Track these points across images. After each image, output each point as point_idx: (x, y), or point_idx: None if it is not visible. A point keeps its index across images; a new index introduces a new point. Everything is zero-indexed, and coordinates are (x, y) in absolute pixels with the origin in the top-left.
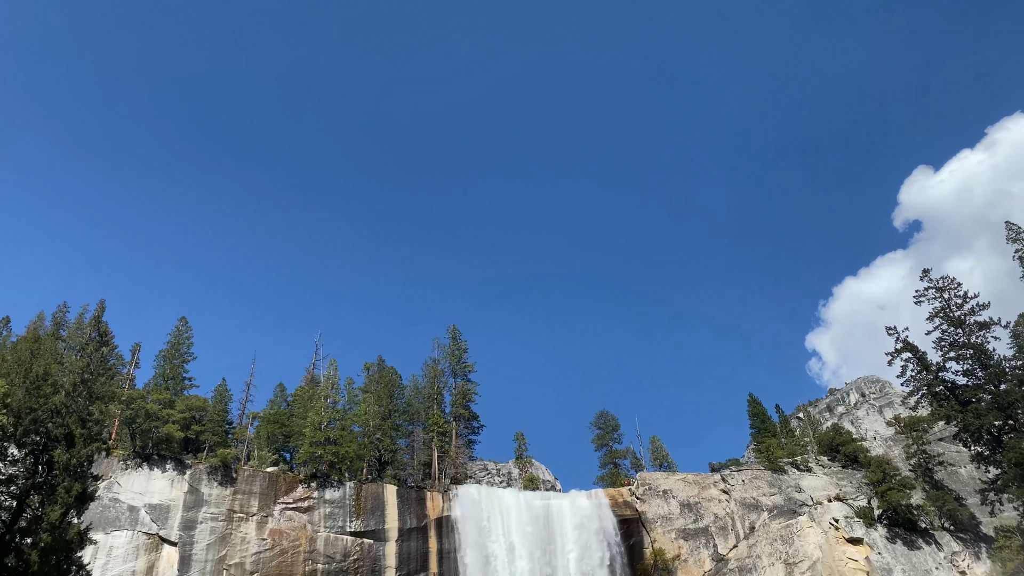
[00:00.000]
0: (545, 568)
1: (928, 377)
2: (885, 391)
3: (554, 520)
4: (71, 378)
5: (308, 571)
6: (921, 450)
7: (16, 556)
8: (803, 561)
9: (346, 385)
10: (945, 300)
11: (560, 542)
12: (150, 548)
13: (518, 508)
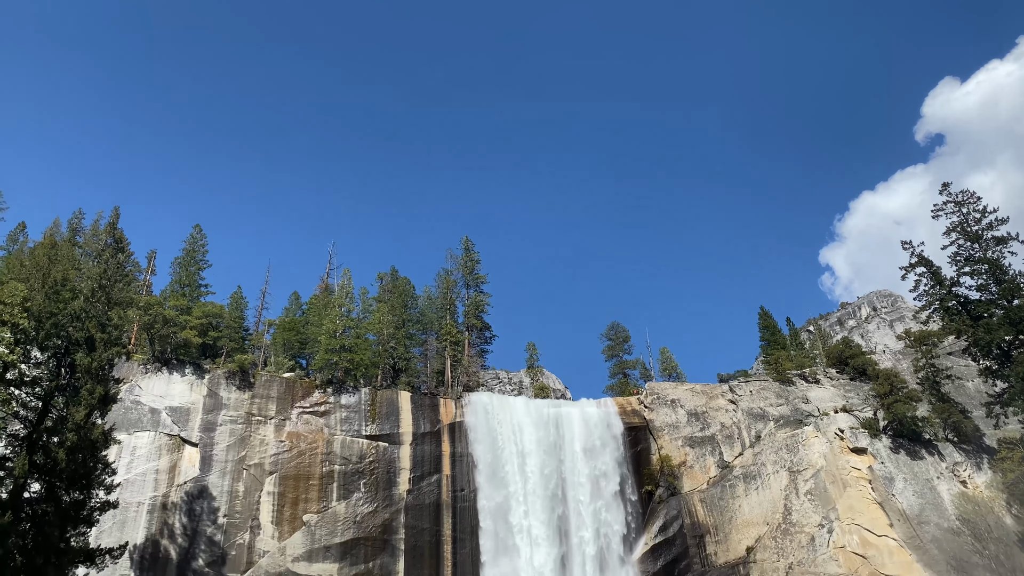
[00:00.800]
0: (553, 472)
1: (941, 292)
2: (897, 306)
3: (563, 427)
4: (89, 284)
5: (326, 472)
6: (930, 364)
7: (44, 454)
8: (807, 469)
9: (360, 295)
10: (963, 215)
11: (569, 448)
12: (172, 448)
13: (528, 415)
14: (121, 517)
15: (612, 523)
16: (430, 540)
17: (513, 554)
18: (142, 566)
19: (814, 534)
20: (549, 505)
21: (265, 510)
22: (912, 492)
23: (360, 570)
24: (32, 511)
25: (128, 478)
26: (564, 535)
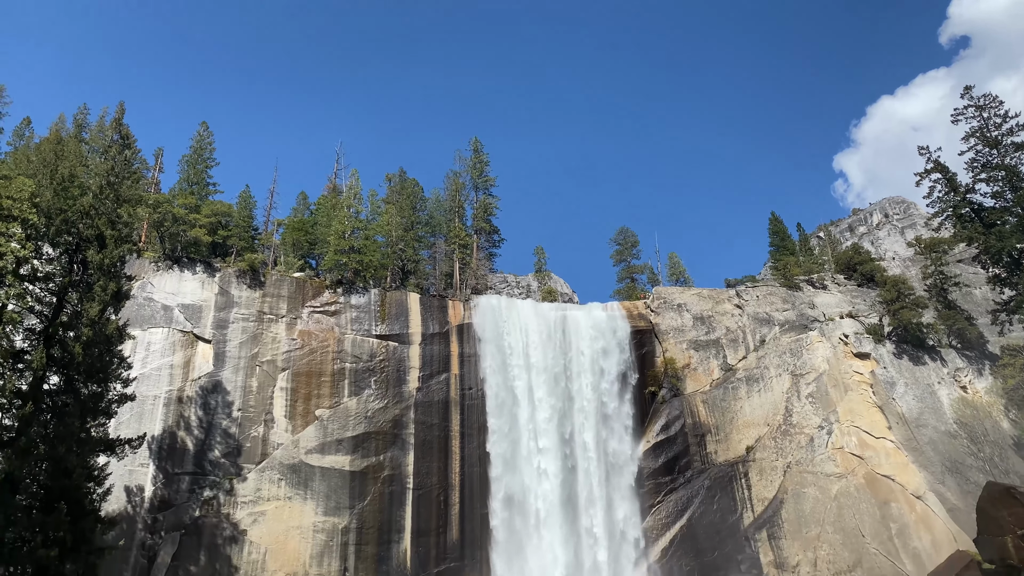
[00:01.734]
0: (559, 373)
1: (955, 198)
2: (909, 212)
3: (570, 329)
4: (97, 180)
5: (337, 369)
6: (938, 271)
7: (61, 348)
8: (809, 373)
9: (368, 196)
10: (984, 119)
11: (575, 350)
12: (186, 345)
13: (535, 317)
14: (138, 409)
15: (615, 422)
16: (439, 435)
17: (518, 448)
18: (160, 456)
19: (813, 435)
20: (555, 404)
21: (278, 405)
22: (912, 396)
23: (372, 462)
24: (52, 402)
25: (144, 372)
26: (569, 434)
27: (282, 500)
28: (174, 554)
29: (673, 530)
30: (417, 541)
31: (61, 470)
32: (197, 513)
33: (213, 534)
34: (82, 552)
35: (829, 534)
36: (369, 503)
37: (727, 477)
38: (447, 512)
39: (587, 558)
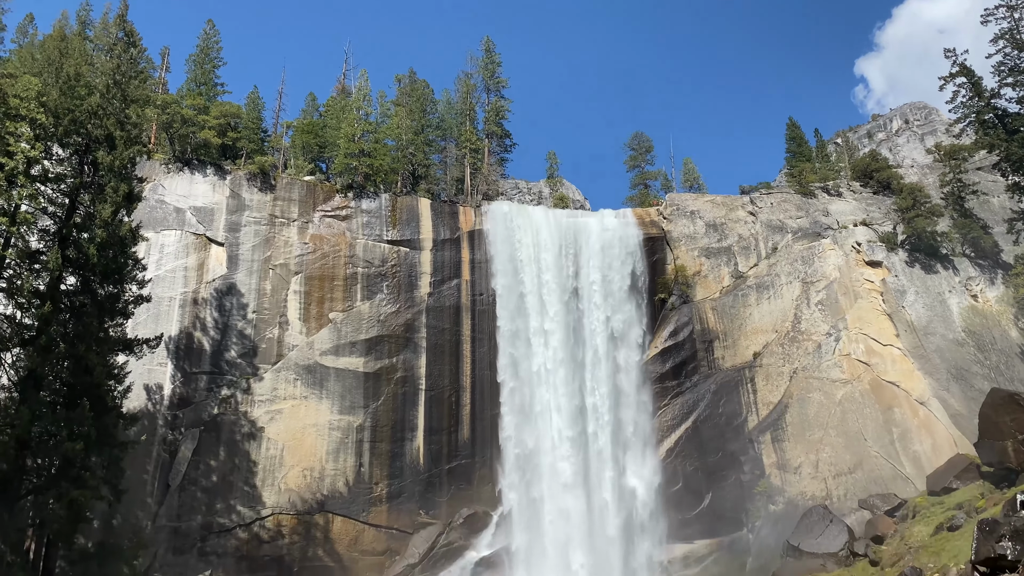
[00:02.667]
0: (570, 279)
1: (979, 104)
2: (930, 118)
3: (581, 236)
4: (104, 80)
5: (349, 274)
6: (956, 178)
7: (76, 249)
8: (820, 280)
9: (378, 98)
10: (1015, 20)
11: (586, 256)
12: (199, 247)
13: (547, 224)
14: (154, 311)
15: (624, 327)
16: (450, 339)
17: (528, 352)
18: (178, 355)
19: (821, 342)
20: (565, 309)
21: (292, 308)
22: (922, 305)
23: (385, 364)
24: (70, 302)
25: (159, 274)
26: (578, 337)
27: (298, 399)
28: (194, 449)
29: (678, 431)
30: (429, 439)
31: (82, 368)
32: (215, 411)
33: (232, 431)
34: (106, 446)
35: (832, 437)
36: (383, 403)
37: (733, 382)
38: (458, 413)
39: (593, 455)
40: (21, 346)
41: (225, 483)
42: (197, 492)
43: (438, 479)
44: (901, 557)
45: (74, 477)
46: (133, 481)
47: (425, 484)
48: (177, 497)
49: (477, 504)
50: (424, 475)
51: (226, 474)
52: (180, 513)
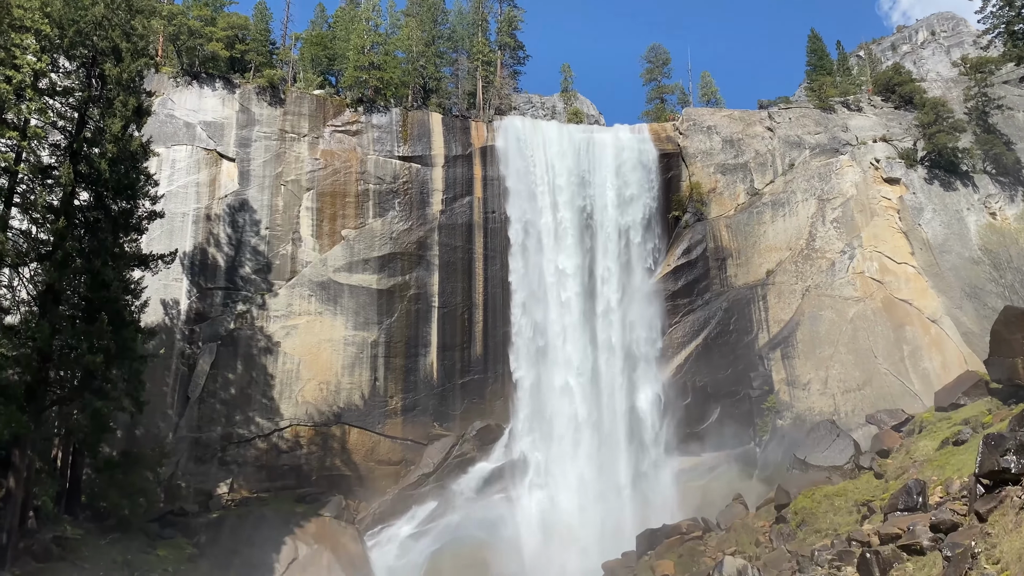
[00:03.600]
0: (584, 196)
1: (1010, 14)
2: (957, 30)
3: (595, 152)
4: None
5: (361, 190)
6: (982, 92)
7: (88, 164)
8: (836, 198)
9: (388, 7)
10: None
11: (600, 172)
12: (210, 163)
13: (560, 140)
14: (168, 226)
15: (637, 245)
16: (462, 257)
17: (541, 269)
18: (193, 271)
19: (835, 260)
20: (577, 226)
21: (305, 224)
22: (939, 223)
23: (398, 281)
24: (84, 218)
25: (171, 190)
26: (591, 253)
27: (313, 315)
28: (212, 363)
29: (689, 348)
30: (443, 355)
31: (99, 283)
32: (232, 326)
33: (248, 345)
34: (126, 359)
35: (842, 354)
36: (396, 319)
37: (745, 300)
38: (471, 329)
39: (604, 371)
40: (38, 261)
41: (243, 396)
42: (216, 404)
43: (451, 393)
44: (905, 470)
45: (96, 389)
46: (154, 393)
47: (439, 398)
48: (197, 409)
49: (489, 417)
50: (438, 389)
51: (244, 387)
52: (200, 424)
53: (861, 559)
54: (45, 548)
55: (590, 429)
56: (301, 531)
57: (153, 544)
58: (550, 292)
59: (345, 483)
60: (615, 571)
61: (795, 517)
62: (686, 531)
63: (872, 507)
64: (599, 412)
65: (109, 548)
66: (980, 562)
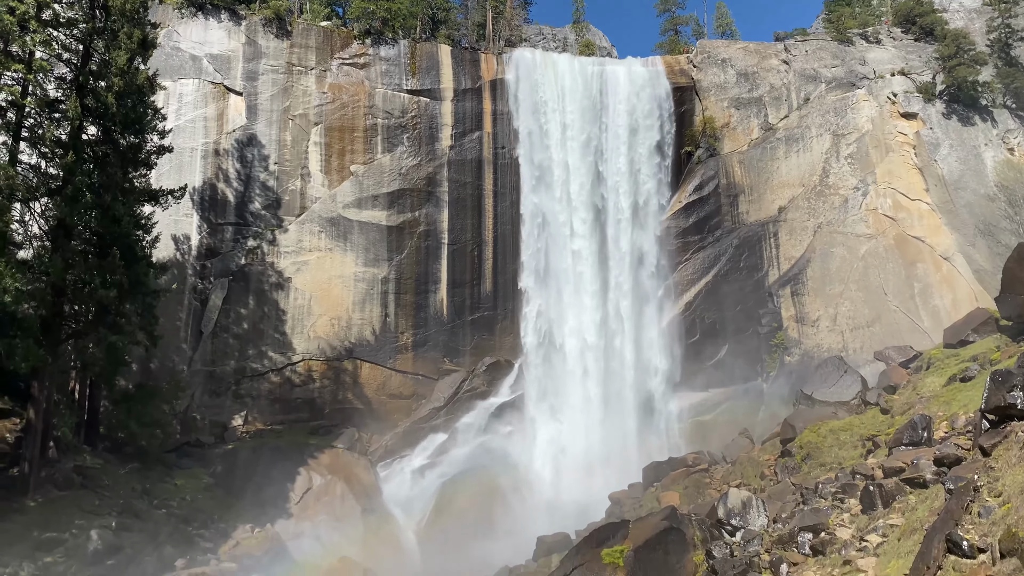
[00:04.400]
0: (595, 130)
1: None
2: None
3: (607, 85)
4: None
5: (369, 124)
6: (1005, 23)
7: (94, 98)
8: (851, 133)
9: None
10: None
11: (612, 106)
12: (217, 97)
13: (572, 73)
14: (177, 161)
15: (649, 181)
16: (472, 193)
17: (551, 205)
18: (203, 206)
19: (848, 196)
20: (588, 161)
21: (313, 159)
22: (955, 159)
23: (407, 218)
24: (93, 152)
25: (179, 124)
26: (602, 189)
27: (323, 251)
28: (224, 298)
29: (698, 285)
30: (452, 292)
31: (110, 218)
32: (243, 261)
33: (260, 280)
34: (139, 294)
35: (852, 292)
36: (406, 256)
37: (756, 237)
38: (480, 266)
39: (612, 309)
40: (48, 196)
41: (256, 330)
42: (229, 339)
43: (461, 329)
44: (912, 406)
45: (111, 323)
46: (167, 328)
47: (449, 334)
48: (210, 343)
49: (499, 353)
50: (448, 325)
51: (256, 322)
52: (214, 358)
53: (864, 491)
54: (66, 476)
55: (599, 366)
56: (315, 462)
57: (171, 473)
58: (560, 228)
59: (357, 416)
60: (621, 501)
61: (800, 451)
62: (692, 464)
63: (877, 442)
64: (608, 348)
65: (128, 477)
66: (982, 495)
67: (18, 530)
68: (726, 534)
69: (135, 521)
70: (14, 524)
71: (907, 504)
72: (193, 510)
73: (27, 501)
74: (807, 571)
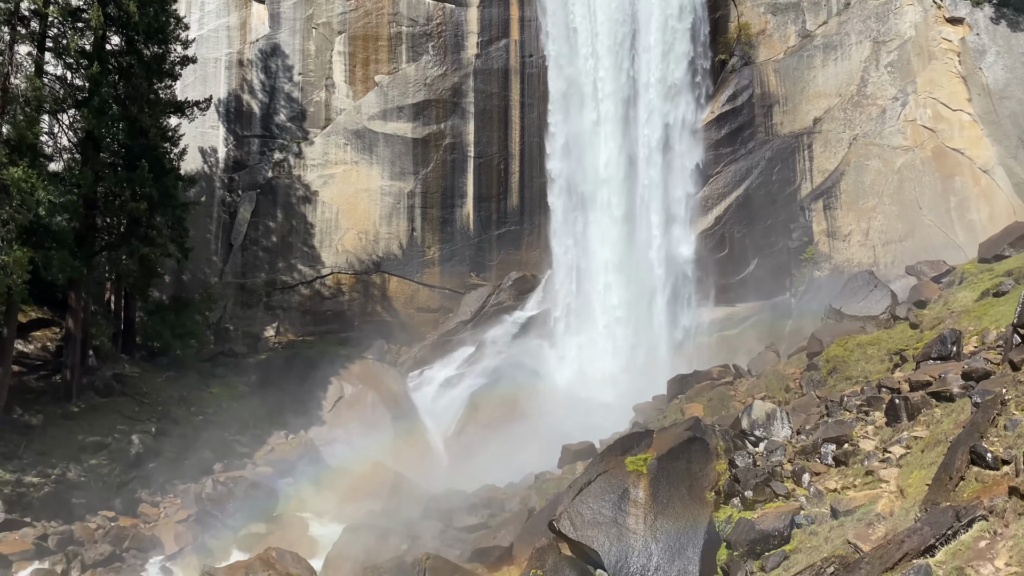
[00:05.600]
0: (625, 38)
1: None
2: None
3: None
4: None
5: (394, 33)
6: None
7: (116, 6)
8: (893, 40)
9: None
10: None
11: (644, 11)
12: (240, 5)
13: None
14: (201, 73)
15: (680, 90)
16: (499, 105)
17: (580, 115)
18: (228, 118)
19: (886, 107)
20: (618, 69)
21: (337, 70)
22: (1001, 67)
23: (433, 130)
24: (117, 63)
25: (202, 34)
26: (632, 99)
27: (349, 164)
28: (253, 211)
29: (729, 199)
30: (479, 206)
31: (136, 130)
32: (270, 174)
33: (287, 194)
34: (168, 206)
35: (886, 205)
36: (432, 170)
37: (790, 149)
38: (507, 180)
39: (641, 220)
40: (75, 107)
41: (285, 244)
42: (259, 252)
43: (488, 244)
44: (941, 321)
45: (142, 236)
46: (198, 240)
47: (475, 248)
48: (240, 256)
49: (525, 268)
50: (474, 240)
51: (285, 235)
52: (244, 271)
53: (889, 404)
54: (106, 384)
55: (626, 278)
56: (346, 372)
57: (206, 382)
58: (588, 140)
59: (386, 328)
60: (645, 412)
61: (826, 365)
62: (717, 376)
63: (905, 356)
64: (635, 262)
65: (166, 385)
66: (1009, 408)
67: (64, 434)
68: (749, 444)
69: (174, 427)
70: (60, 428)
71: (932, 417)
72: (229, 417)
73: (71, 407)
74: (829, 481)
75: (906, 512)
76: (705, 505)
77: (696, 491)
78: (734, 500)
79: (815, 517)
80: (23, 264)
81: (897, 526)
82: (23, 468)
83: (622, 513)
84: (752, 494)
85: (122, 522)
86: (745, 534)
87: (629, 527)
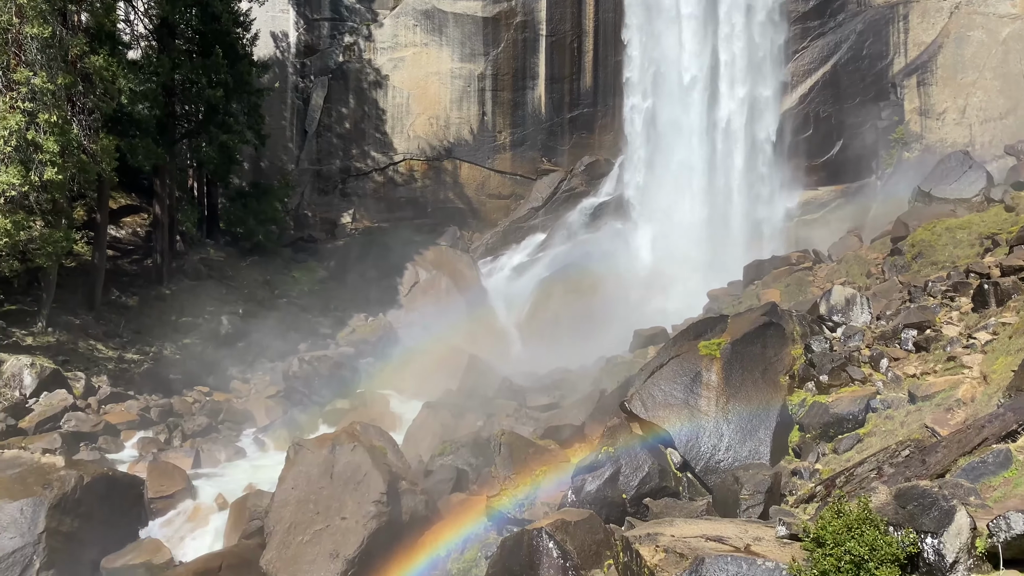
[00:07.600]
0: None
1: None
2: None
3: None
4: None
5: None
6: None
7: None
8: None
9: None
10: None
11: None
12: None
13: None
14: None
15: None
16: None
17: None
18: (298, 2)
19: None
20: None
21: None
22: None
23: (503, 8)
24: None
25: None
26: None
27: (419, 46)
28: (325, 97)
29: (815, 76)
30: (551, 88)
31: (209, 15)
32: (341, 59)
33: (358, 78)
34: (243, 93)
35: (987, 80)
36: (503, 50)
37: (883, 20)
38: (580, 59)
39: (723, 99)
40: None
41: (357, 130)
42: (332, 138)
43: (560, 128)
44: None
45: (220, 123)
46: (273, 128)
47: (547, 133)
48: (315, 143)
49: (598, 152)
50: (546, 124)
51: (357, 121)
52: (320, 158)
53: (977, 289)
54: (194, 268)
55: (704, 162)
56: (420, 258)
57: (288, 267)
58: (667, 13)
59: (459, 215)
60: (720, 298)
61: (911, 249)
62: (795, 262)
63: (997, 240)
64: (715, 144)
65: (250, 269)
66: None
67: (157, 315)
68: (826, 330)
69: (259, 309)
70: (153, 309)
71: (1023, 303)
72: (311, 300)
73: (163, 289)
74: (908, 366)
75: (988, 398)
76: (779, 389)
77: (770, 375)
78: (808, 384)
79: (892, 402)
80: (111, 152)
81: (978, 411)
82: (123, 346)
83: (694, 395)
84: (827, 378)
85: (216, 397)
86: (819, 417)
87: (701, 409)
